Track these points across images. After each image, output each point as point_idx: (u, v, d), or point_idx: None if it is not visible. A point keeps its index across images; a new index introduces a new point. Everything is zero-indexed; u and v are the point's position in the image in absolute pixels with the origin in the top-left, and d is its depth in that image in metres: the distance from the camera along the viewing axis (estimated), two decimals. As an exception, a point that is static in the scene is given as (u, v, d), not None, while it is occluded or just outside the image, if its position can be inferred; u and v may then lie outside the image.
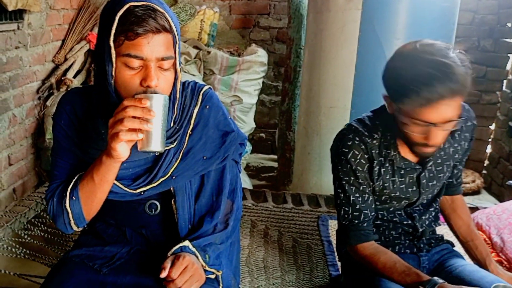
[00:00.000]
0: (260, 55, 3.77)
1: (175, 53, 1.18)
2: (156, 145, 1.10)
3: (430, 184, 1.57)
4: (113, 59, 1.13)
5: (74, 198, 1.22)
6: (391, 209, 1.61)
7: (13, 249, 2.11)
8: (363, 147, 1.50)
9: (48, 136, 2.99)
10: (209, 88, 1.39)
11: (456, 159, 1.60)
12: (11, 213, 2.44)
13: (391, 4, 2.56)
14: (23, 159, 2.92)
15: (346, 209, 1.53)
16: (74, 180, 1.24)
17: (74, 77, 3.25)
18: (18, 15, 2.69)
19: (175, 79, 1.22)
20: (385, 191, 1.55)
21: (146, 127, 1.07)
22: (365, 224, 1.52)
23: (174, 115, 1.27)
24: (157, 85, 1.14)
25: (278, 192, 2.88)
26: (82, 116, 1.28)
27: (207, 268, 1.27)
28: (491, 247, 2.07)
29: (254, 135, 4.29)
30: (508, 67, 3.79)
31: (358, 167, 1.50)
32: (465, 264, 1.56)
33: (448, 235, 1.71)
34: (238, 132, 1.40)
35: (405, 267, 1.41)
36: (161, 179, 1.27)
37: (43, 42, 3.04)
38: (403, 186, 1.55)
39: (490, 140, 3.93)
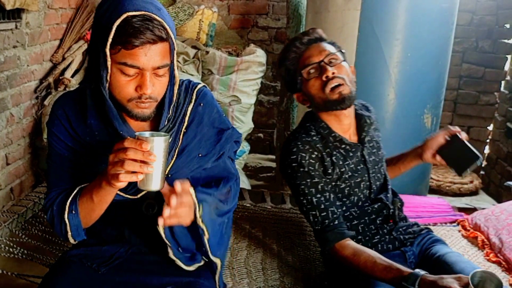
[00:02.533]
0: (258, 55, 3.77)
1: (171, 59, 1.18)
2: (156, 185, 1.10)
3: (371, 159, 1.72)
4: (108, 66, 1.13)
5: (73, 212, 1.24)
6: (359, 203, 1.68)
7: (11, 249, 2.10)
8: (307, 147, 1.62)
9: (45, 136, 2.98)
10: (204, 86, 1.39)
11: (380, 136, 1.82)
12: (8, 213, 2.43)
13: (390, 4, 2.56)
14: (20, 158, 2.91)
15: (313, 213, 1.60)
16: (73, 195, 1.25)
17: (72, 76, 3.24)
18: (16, 14, 2.69)
19: (173, 83, 1.22)
20: (343, 176, 1.63)
21: (146, 171, 1.06)
22: (336, 222, 1.58)
23: (169, 115, 1.27)
24: (152, 92, 1.16)
25: (277, 192, 2.87)
26: (75, 120, 1.28)
27: (198, 220, 1.24)
28: (489, 248, 2.06)
29: (252, 135, 4.29)
30: (506, 68, 3.79)
31: (310, 167, 1.60)
32: (447, 252, 1.60)
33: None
34: (233, 130, 1.40)
35: (386, 263, 1.44)
36: None
37: (41, 42, 3.03)
38: (353, 166, 1.67)
39: (488, 141, 3.94)
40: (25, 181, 2.98)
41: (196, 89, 1.35)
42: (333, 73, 1.58)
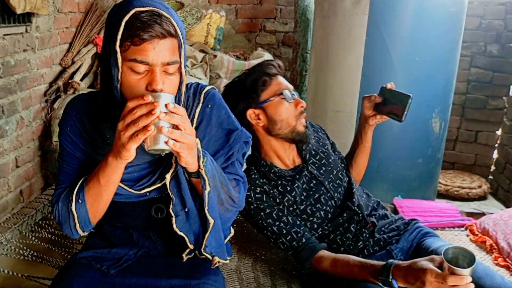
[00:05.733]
0: (266, 59, 3.77)
1: (180, 57, 1.18)
2: (163, 144, 1.07)
3: (322, 171, 1.76)
4: (119, 64, 1.13)
5: (80, 201, 1.23)
6: (328, 216, 1.72)
7: (21, 251, 2.12)
8: (248, 186, 1.63)
9: (55, 139, 3.01)
10: (212, 88, 1.38)
11: (326, 144, 1.88)
12: (18, 215, 2.46)
13: (398, 9, 2.57)
14: (30, 161, 2.94)
15: (280, 240, 1.65)
16: (79, 184, 1.25)
17: (81, 80, 3.27)
18: (26, 18, 2.72)
19: (180, 82, 1.22)
20: (297, 199, 1.68)
21: (158, 125, 1.05)
22: (304, 240, 1.62)
23: None
24: (162, 89, 1.14)
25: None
26: (88, 122, 1.29)
27: (201, 167, 1.20)
28: (498, 252, 2.06)
29: (259, 139, 4.30)
30: (514, 73, 3.77)
31: (258, 202, 1.66)
32: (440, 246, 1.59)
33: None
34: (242, 130, 1.40)
35: (359, 263, 1.46)
36: None
37: (50, 45, 3.06)
38: (305, 185, 1.72)
39: (496, 145, 3.92)
40: (34, 183, 3.00)
41: (204, 91, 1.36)
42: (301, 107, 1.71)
